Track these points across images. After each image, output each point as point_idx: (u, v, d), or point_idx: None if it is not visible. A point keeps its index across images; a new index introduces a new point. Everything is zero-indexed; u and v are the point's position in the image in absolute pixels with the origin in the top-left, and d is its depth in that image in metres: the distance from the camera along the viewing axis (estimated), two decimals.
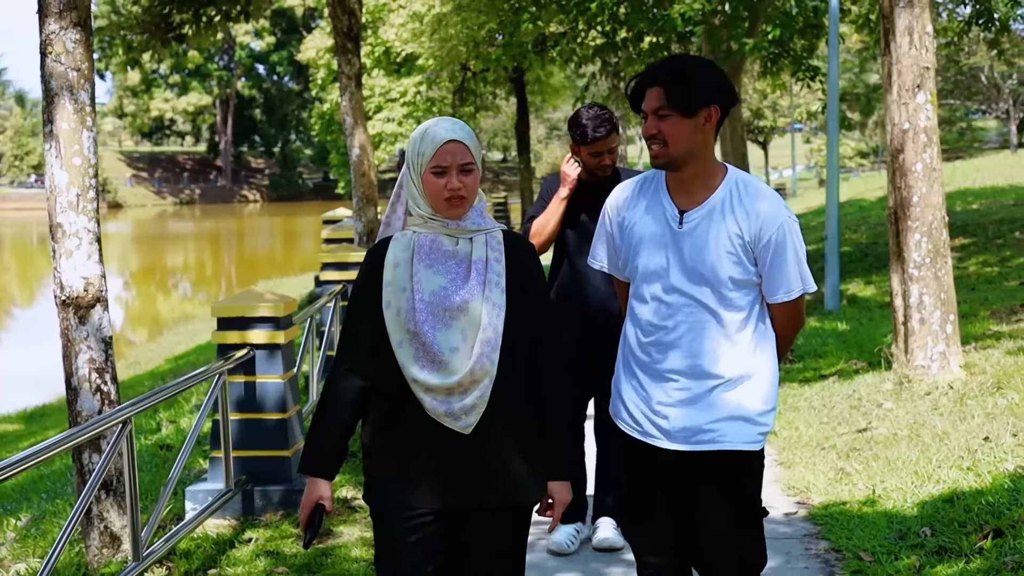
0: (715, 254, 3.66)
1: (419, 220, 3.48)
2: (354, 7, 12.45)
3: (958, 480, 6.47)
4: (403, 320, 3.40)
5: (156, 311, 36.48)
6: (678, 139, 3.62)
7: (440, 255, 3.45)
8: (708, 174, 3.72)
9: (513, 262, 3.51)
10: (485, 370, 3.39)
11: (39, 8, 5.55)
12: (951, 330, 8.76)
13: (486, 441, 3.42)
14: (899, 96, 8.72)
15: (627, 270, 3.87)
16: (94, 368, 5.63)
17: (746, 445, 3.73)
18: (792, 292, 3.72)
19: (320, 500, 3.47)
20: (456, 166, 3.41)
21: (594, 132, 5.59)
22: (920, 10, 8.59)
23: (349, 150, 13.03)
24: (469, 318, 3.40)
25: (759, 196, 3.69)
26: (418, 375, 3.38)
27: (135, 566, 5.08)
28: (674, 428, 3.73)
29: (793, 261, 3.70)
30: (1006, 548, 5.32)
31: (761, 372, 3.77)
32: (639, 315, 3.81)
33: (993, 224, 19.18)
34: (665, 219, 3.73)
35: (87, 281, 5.59)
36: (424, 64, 30.09)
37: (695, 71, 3.64)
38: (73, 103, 5.54)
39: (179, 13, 14.56)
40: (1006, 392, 8.00)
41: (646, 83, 3.69)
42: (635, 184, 3.90)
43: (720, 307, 3.69)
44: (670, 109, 3.60)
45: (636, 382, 3.82)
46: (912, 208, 8.74)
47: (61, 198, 5.53)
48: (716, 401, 3.71)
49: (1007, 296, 12.40)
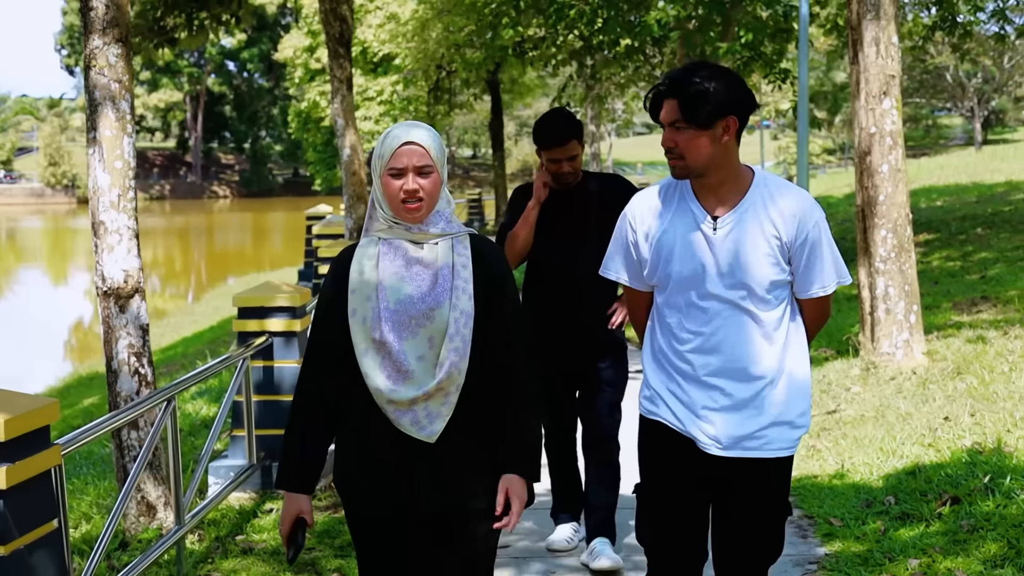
0: (753, 257, 3.62)
1: (383, 225, 3.42)
2: (345, 14, 12.96)
3: (920, 455, 7.05)
4: (368, 328, 3.34)
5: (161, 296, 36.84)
6: (695, 152, 3.57)
7: (405, 262, 3.38)
8: (735, 179, 3.66)
9: (481, 267, 3.44)
10: (453, 379, 3.34)
11: (84, 25, 6.06)
12: (915, 320, 9.38)
13: (451, 447, 3.37)
14: (867, 102, 9.32)
15: (655, 278, 3.78)
16: (132, 353, 6.15)
17: (787, 452, 3.75)
18: (828, 287, 3.71)
19: (300, 514, 3.44)
20: (413, 168, 3.34)
21: (549, 139, 5.44)
22: (886, 22, 9.19)
23: (340, 150, 13.54)
24: (436, 325, 3.33)
25: (791, 195, 3.67)
26: (381, 386, 3.32)
27: (178, 529, 5.60)
28: (722, 434, 3.69)
29: (829, 256, 3.68)
30: (962, 513, 5.89)
31: (798, 367, 3.75)
32: (672, 322, 3.74)
33: (956, 220, 19.87)
34: (697, 225, 3.66)
35: (127, 273, 6.10)
36: (401, 64, 30.56)
37: (711, 83, 3.56)
38: (115, 112, 6.05)
39: (172, 18, 15.04)
40: (965, 377, 8.61)
41: (663, 94, 3.62)
42: (657, 192, 3.81)
43: (758, 308, 3.65)
44: (685, 123, 3.55)
45: (677, 386, 3.74)
46: (878, 206, 9.35)
47: (104, 198, 6.04)
48: (762, 405, 3.69)
49: (968, 289, 13.05)
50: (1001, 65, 59.65)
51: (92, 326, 31.12)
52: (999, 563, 5.23)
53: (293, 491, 3.44)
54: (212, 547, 6.09)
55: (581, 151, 5.54)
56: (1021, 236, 16.77)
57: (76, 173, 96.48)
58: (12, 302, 36.95)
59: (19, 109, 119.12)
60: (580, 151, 5.51)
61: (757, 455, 3.69)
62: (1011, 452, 6.63)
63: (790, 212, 3.63)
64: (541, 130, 5.48)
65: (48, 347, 26.36)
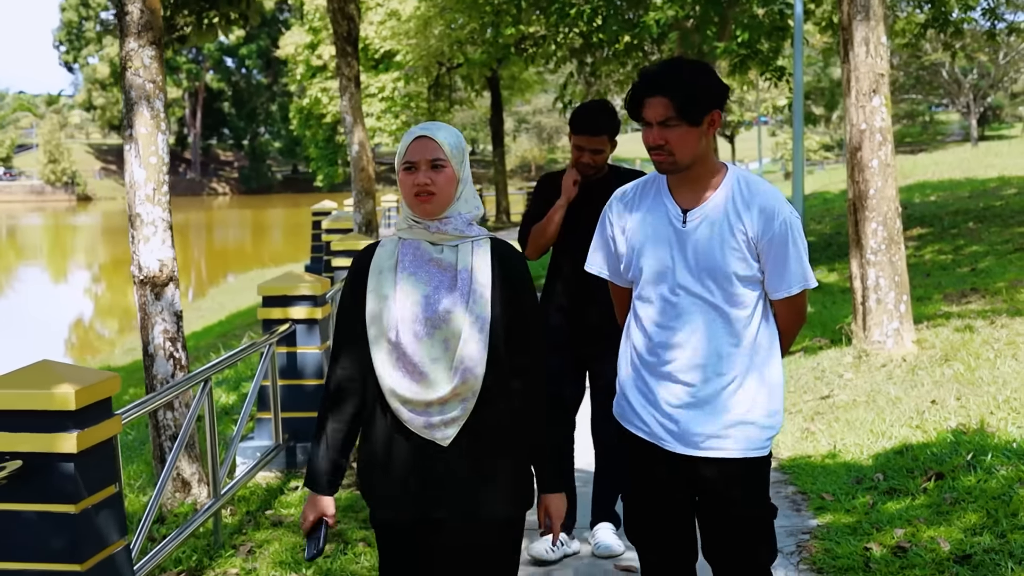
0: (720, 250, 3.65)
1: (404, 225, 3.44)
2: (353, 13, 13.32)
3: (908, 436, 7.46)
4: (384, 328, 3.34)
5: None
6: (685, 148, 3.61)
7: (424, 263, 3.39)
8: (710, 173, 3.69)
9: (500, 273, 3.42)
10: (468, 385, 3.32)
11: (120, 28, 6.45)
12: (904, 309, 9.78)
13: (466, 453, 3.35)
14: (857, 100, 9.72)
15: (630, 273, 3.83)
16: (168, 338, 6.55)
17: (755, 452, 3.73)
18: (793, 288, 3.71)
19: (323, 515, 3.46)
20: (425, 161, 3.36)
21: (582, 124, 5.53)
22: (875, 23, 9.59)
23: (349, 147, 13.89)
24: (451, 328, 3.32)
25: (761, 193, 3.68)
26: (396, 386, 3.32)
27: (215, 502, 6.00)
28: (684, 431, 3.70)
29: (795, 257, 3.68)
30: (946, 488, 6.29)
31: (768, 368, 3.77)
32: (644, 316, 3.78)
33: (949, 215, 20.29)
34: (668, 219, 3.71)
35: (162, 263, 6.49)
36: (402, 61, 30.94)
37: (698, 79, 3.61)
38: (150, 110, 6.45)
39: (182, 17, 15.41)
40: (952, 363, 9.02)
41: (647, 92, 3.62)
42: (634, 188, 3.87)
43: (726, 304, 3.67)
44: (679, 120, 3.58)
45: (643, 384, 3.78)
46: (869, 200, 9.75)
47: (139, 192, 6.44)
48: (726, 404, 3.70)
49: (959, 281, 13.46)
50: (996, 61, 59.97)
51: (93, 323, 31.42)
52: (978, 531, 5.61)
53: (318, 492, 3.45)
54: (244, 520, 6.49)
55: (608, 148, 5.58)
56: (1011, 230, 17.18)
57: (76, 170, 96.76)
58: (13, 299, 37.16)
59: (17, 106, 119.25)
60: (607, 148, 5.56)
61: (720, 455, 3.69)
62: (993, 432, 7.03)
63: (758, 209, 3.65)
64: (579, 114, 5.58)
65: (51, 343, 26.54)
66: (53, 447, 4.02)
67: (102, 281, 42.60)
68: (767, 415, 3.74)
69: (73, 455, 4.04)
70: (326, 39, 37.33)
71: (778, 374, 3.80)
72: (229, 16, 15.58)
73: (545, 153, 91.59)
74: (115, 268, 46.09)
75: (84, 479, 4.09)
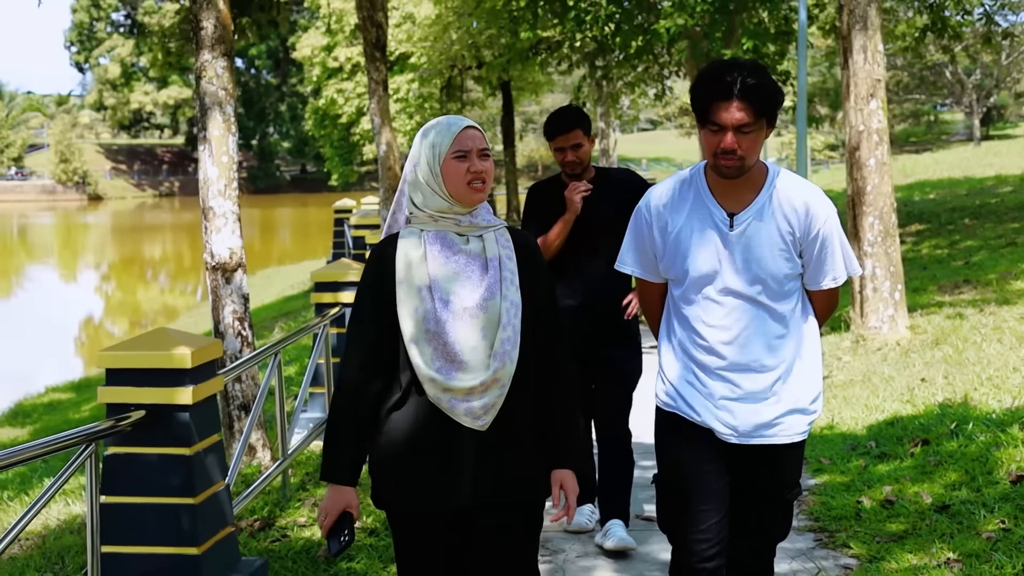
0: (768, 253, 3.69)
1: (427, 219, 3.43)
2: (381, 21, 14.09)
3: (899, 410, 8.23)
4: (420, 319, 3.34)
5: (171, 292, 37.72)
6: (754, 153, 3.64)
7: (453, 253, 3.41)
8: (756, 175, 3.73)
9: (522, 259, 3.48)
10: (507, 369, 3.36)
11: (196, 42, 7.24)
12: (899, 297, 10.57)
13: (498, 438, 3.39)
14: (856, 103, 10.50)
15: (670, 272, 3.85)
16: (236, 317, 7.33)
17: (800, 436, 3.83)
18: (839, 279, 3.80)
19: (347, 508, 3.44)
20: (476, 150, 3.41)
21: (555, 128, 5.74)
22: (872, 32, 10.37)
23: (377, 147, 14.66)
24: (488, 316, 3.35)
25: (804, 192, 3.73)
26: (436, 375, 3.33)
27: (282, 461, 6.78)
28: (740, 424, 3.77)
29: (839, 250, 3.76)
30: (930, 452, 7.05)
31: (810, 356, 3.85)
32: (690, 316, 3.80)
33: (946, 212, 21.11)
34: (714, 223, 3.72)
35: (231, 250, 7.28)
36: (417, 63, 31.72)
37: (771, 83, 3.64)
38: (222, 115, 7.23)
39: None
40: (942, 347, 9.81)
41: (723, 96, 3.58)
42: (673, 187, 3.85)
43: (773, 302, 3.73)
44: (755, 126, 3.59)
45: (695, 378, 3.81)
46: (866, 196, 10.54)
47: (212, 187, 7.22)
48: (778, 395, 3.76)
49: (953, 273, 14.25)
50: (999, 62, 60.43)
51: (103, 323, 32.06)
52: (957, 487, 6.36)
53: (342, 484, 3.43)
54: (304, 480, 7.27)
55: (587, 143, 5.77)
56: (1004, 226, 17.98)
57: (87, 170, 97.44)
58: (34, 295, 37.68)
59: (27, 106, 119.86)
60: (585, 141, 5.75)
61: (773, 442, 3.78)
62: (976, 405, 7.79)
63: (803, 208, 3.69)
64: (549, 121, 5.81)
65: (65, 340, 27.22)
66: (172, 399, 4.80)
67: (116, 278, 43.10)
68: (812, 401, 3.84)
69: (188, 406, 4.81)
70: (342, 41, 38.12)
71: (819, 359, 3.89)
72: (260, 22, 16.36)
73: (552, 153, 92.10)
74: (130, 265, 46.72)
75: (196, 426, 4.86)
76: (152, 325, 27.78)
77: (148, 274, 44.85)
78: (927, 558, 5.42)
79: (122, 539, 4.77)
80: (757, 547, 3.99)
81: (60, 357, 23.78)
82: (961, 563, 5.28)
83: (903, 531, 5.87)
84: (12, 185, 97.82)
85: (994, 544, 5.41)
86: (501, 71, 25.23)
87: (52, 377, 19.48)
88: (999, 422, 7.22)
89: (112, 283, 42.02)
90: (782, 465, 3.87)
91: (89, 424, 4.55)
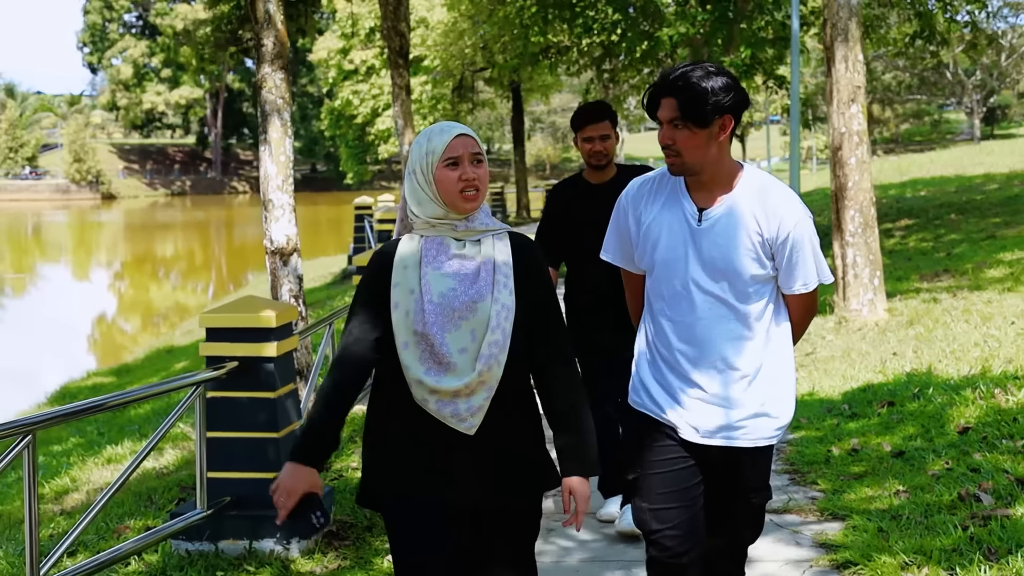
0: (734, 251, 3.68)
1: (425, 226, 3.45)
2: (404, 31, 15.22)
3: (871, 379, 9.33)
4: (411, 321, 3.36)
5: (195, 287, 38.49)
6: (692, 149, 3.62)
7: (448, 257, 3.42)
8: (726, 175, 3.71)
9: (520, 263, 3.48)
10: (493, 372, 3.36)
11: (257, 56, 8.36)
12: (877, 283, 11.70)
13: (489, 440, 3.40)
14: (838, 108, 11.62)
15: (643, 263, 3.87)
16: (292, 295, 8.44)
17: (766, 441, 3.80)
18: (809, 284, 3.76)
19: (311, 488, 3.44)
20: (468, 155, 3.40)
21: (585, 117, 5.82)
22: (853, 44, 11.49)
23: (400, 147, 15.78)
24: (478, 318, 3.37)
25: (776, 195, 3.71)
26: (424, 377, 3.35)
27: None
28: (702, 423, 3.75)
29: (810, 255, 3.73)
30: (895, 412, 8.12)
31: (780, 361, 3.81)
32: (658, 309, 3.82)
33: (934, 208, 22.25)
34: (684, 216, 3.73)
35: (288, 237, 8.39)
36: (430, 65, 32.88)
37: (708, 82, 3.59)
38: (280, 120, 8.35)
39: (249, 31, 17.37)
40: (915, 326, 10.93)
41: (661, 92, 3.65)
42: (652, 180, 3.88)
43: (739, 302, 3.71)
44: (684, 121, 3.60)
45: (660, 374, 3.82)
46: (848, 191, 11.66)
47: (272, 182, 8.34)
48: (741, 398, 3.74)
49: (935, 264, 15.38)
50: (999, 63, 61.24)
51: (115, 321, 32.46)
52: (914, 438, 7.43)
53: (311, 466, 3.43)
54: (352, 434, 8.38)
55: (613, 136, 5.88)
56: (987, 220, 19.12)
57: (100, 169, 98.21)
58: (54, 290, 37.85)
59: (39, 107, 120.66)
60: (612, 132, 5.86)
61: (735, 444, 3.77)
62: (938, 374, 8.89)
63: (773, 211, 3.67)
64: (579, 112, 5.89)
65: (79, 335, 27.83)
66: (260, 352, 5.91)
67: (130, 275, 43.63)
68: (780, 406, 3.80)
69: (273, 358, 5.92)
70: (357, 45, 39.25)
71: (790, 366, 3.85)
72: (289, 30, 17.49)
73: (560, 152, 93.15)
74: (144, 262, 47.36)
75: (279, 375, 5.98)
76: (167, 320, 28.98)
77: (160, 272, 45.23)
78: (881, 490, 6.48)
79: (221, 466, 5.89)
80: (727, 549, 4.04)
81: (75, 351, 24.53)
82: (908, 493, 6.34)
83: (864, 471, 6.93)
84: (27, 184, 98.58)
85: (938, 479, 6.48)
86: (512, 73, 26.28)
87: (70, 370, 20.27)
88: (956, 387, 8.27)
89: (127, 280, 42.60)
90: (747, 468, 3.86)
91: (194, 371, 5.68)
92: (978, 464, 6.51)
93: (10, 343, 25.41)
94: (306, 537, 5.90)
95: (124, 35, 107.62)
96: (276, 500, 3.44)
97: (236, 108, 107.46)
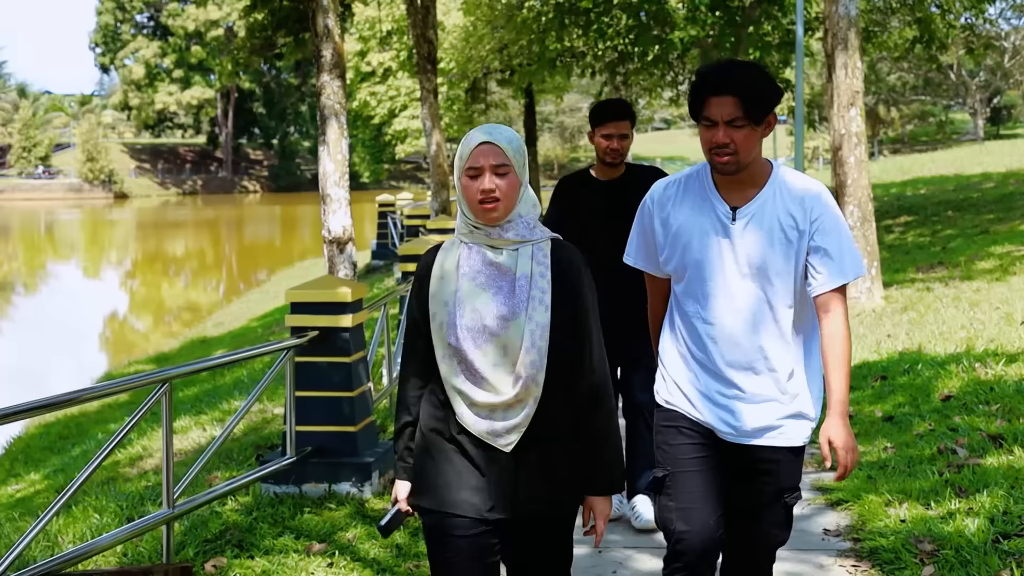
0: (769, 248, 3.64)
1: (465, 229, 3.40)
2: (432, 38, 16.19)
3: (867, 357, 10.27)
4: (444, 334, 3.33)
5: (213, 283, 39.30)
6: (749, 148, 3.59)
7: (484, 268, 3.36)
8: (760, 172, 3.69)
9: (560, 277, 3.38)
10: (530, 391, 3.32)
11: (317, 66, 9.35)
12: (875, 273, 12.68)
13: (526, 456, 3.37)
14: (838, 111, 12.60)
15: (670, 266, 3.82)
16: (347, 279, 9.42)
17: (803, 441, 3.79)
18: (846, 273, 3.66)
19: (399, 502, 3.54)
20: (489, 167, 3.31)
21: (606, 114, 5.85)
22: (852, 51, 12.46)
23: (428, 147, 16.75)
24: (510, 335, 3.31)
25: (807, 187, 3.70)
26: (462, 387, 3.34)
27: (389, 386, 8.85)
28: (739, 424, 3.73)
29: (846, 243, 3.68)
30: (887, 384, 9.07)
31: (814, 362, 3.80)
32: (691, 312, 3.78)
33: (933, 205, 23.24)
34: (716, 216, 3.69)
35: (344, 227, 9.38)
36: (446, 68, 33.75)
37: (766, 80, 3.60)
38: (337, 123, 9.34)
39: (281, 36, 18.34)
40: (909, 312, 11.89)
41: (714, 91, 3.57)
42: (677, 182, 3.83)
43: (775, 301, 3.67)
44: (746, 120, 3.55)
45: (694, 376, 3.79)
46: (847, 188, 12.64)
47: (330, 179, 9.33)
48: (779, 398, 3.72)
49: (931, 257, 16.35)
50: (1002, 64, 61.81)
51: (127, 318, 32.91)
52: (903, 406, 8.37)
53: (398, 479, 3.56)
54: None
55: (631, 134, 5.90)
56: (982, 216, 20.08)
57: (113, 169, 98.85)
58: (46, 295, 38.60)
59: (50, 107, 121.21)
60: (630, 132, 5.88)
61: (772, 444, 3.74)
62: (927, 352, 9.84)
63: (806, 202, 3.64)
64: (601, 106, 5.93)
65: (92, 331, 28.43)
66: (338, 323, 6.87)
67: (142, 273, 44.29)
68: (814, 406, 3.81)
69: (349, 328, 6.89)
70: (375, 47, 40.19)
71: (820, 368, 3.80)
72: None
73: (568, 152, 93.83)
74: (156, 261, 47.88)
75: (353, 343, 6.95)
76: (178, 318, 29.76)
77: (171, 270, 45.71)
78: (871, 447, 7.43)
79: (306, 421, 6.86)
80: (756, 557, 4.01)
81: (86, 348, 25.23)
82: (895, 449, 7.30)
83: (857, 432, 7.84)
84: (41, 183, 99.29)
85: (921, 437, 7.42)
86: (531, 76, 27.10)
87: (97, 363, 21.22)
88: (942, 362, 9.19)
89: (139, 278, 43.02)
90: (783, 468, 3.82)
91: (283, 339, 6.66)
92: (957, 425, 7.42)
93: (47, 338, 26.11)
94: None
95: (136, 36, 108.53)
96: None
97: (247, 108, 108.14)
